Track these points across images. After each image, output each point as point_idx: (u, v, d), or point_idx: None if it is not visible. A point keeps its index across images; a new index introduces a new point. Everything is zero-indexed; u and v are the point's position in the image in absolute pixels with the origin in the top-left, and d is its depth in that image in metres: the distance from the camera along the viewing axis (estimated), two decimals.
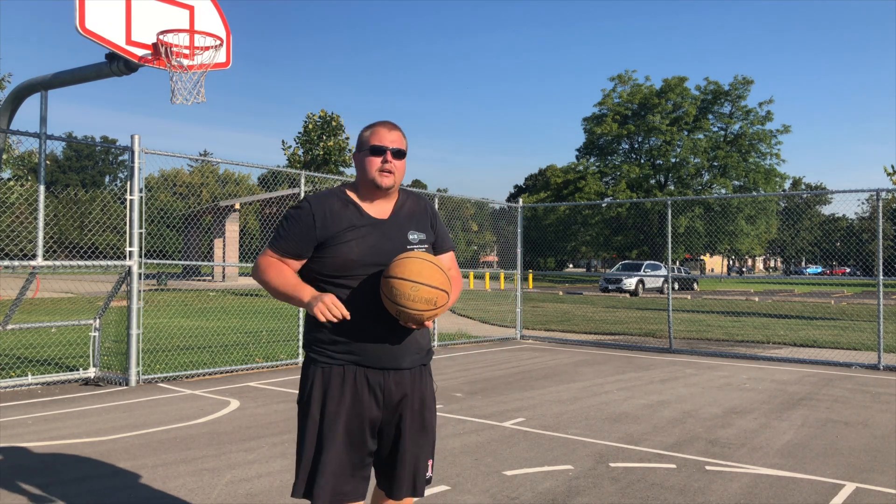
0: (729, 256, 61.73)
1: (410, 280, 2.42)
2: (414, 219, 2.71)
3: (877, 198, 10.45)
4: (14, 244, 8.96)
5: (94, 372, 8.28)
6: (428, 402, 2.69)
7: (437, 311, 2.47)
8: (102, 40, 6.68)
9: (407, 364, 2.61)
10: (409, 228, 2.66)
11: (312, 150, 28.83)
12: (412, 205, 2.75)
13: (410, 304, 2.42)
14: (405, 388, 2.61)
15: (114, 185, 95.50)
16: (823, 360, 10.75)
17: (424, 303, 2.42)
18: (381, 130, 2.63)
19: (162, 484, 4.47)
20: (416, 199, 2.79)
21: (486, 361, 10.45)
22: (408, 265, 2.45)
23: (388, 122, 2.69)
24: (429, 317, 2.47)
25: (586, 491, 4.42)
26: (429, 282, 2.43)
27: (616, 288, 32.98)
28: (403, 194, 2.77)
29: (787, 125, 50.04)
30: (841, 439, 5.87)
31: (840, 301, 27.71)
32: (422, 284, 2.42)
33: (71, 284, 27.12)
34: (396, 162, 2.63)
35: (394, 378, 2.59)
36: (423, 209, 2.77)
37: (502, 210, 16.67)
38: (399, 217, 2.68)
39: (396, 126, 2.69)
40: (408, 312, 2.43)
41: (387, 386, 2.58)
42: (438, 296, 2.45)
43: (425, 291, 2.42)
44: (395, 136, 2.64)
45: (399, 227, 2.64)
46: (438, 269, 2.48)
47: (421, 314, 2.44)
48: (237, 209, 37.00)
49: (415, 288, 2.41)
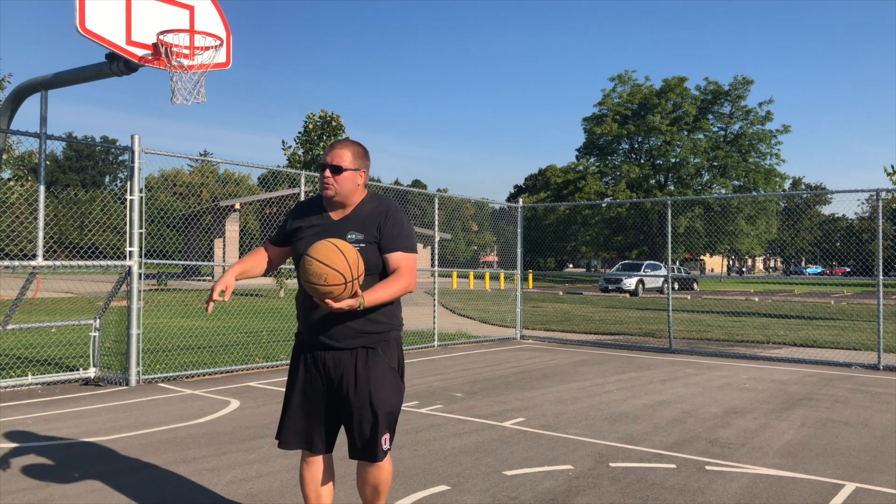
0: (729, 256, 61.74)
1: (309, 255, 2.80)
2: (362, 221, 3.06)
3: (877, 198, 10.45)
4: (14, 244, 8.96)
5: (94, 372, 8.28)
6: (374, 380, 3.04)
7: (331, 289, 2.77)
8: (102, 40, 6.67)
9: (343, 345, 3.03)
10: (351, 229, 3.04)
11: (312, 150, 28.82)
12: (371, 209, 3.10)
13: (304, 276, 2.79)
14: (343, 365, 3.04)
15: (114, 185, 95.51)
16: (823, 360, 10.75)
17: (315, 276, 2.76)
18: (329, 148, 3.10)
19: (162, 484, 4.47)
20: (377, 203, 3.13)
21: (486, 361, 10.45)
22: (316, 246, 2.83)
23: (341, 141, 3.13)
24: (323, 294, 2.77)
25: (586, 491, 4.43)
26: (324, 259, 2.76)
27: (616, 288, 32.97)
28: (369, 199, 3.15)
29: (787, 125, 50.06)
30: (841, 439, 5.87)
31: (840, 301, 27.71)
32: (315, 260, 2.77)
33: (71, 284, 27.12)
34: (335, 176, 3.05)
35: (332, 356, 3.05)
36: (379, 212, 3.09)
37: (502, 210, 16.67)
38: (349, 219, 3.08)
39: (346, 144, 3.11)
40: (306, 284, 2.81)
41: (326, 362, 3.06)
42: (329, 273, 2.75)
43: (317, 266, 2.76)
44: (336, 154, 3.06)
45: (342, 228, 3.05)
46: (338, 253, 2.79)
47: (314, 287, 2.78)
48: (237, 209, 36.99)
49: (310, 262, 2.78)
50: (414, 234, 3.18)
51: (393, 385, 3.09)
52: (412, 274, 3.08)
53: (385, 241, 3.04)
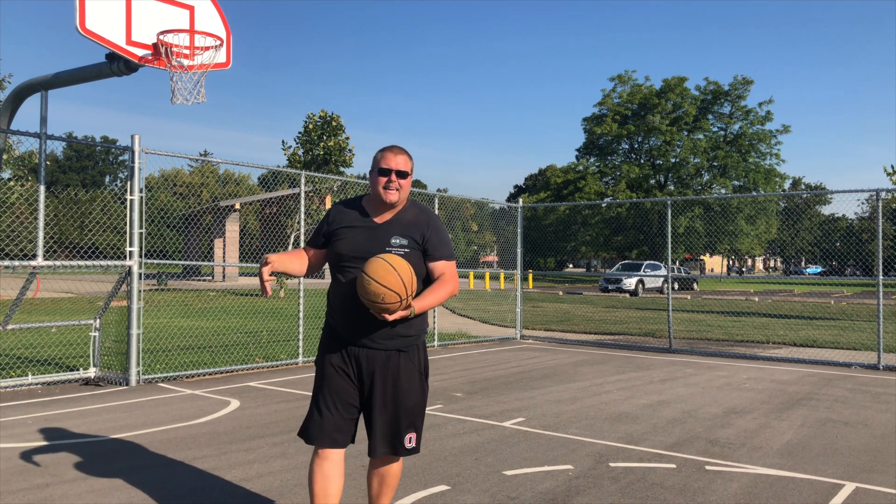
0: (729, 256, 61.74)
1: (366, 275, 2.92)
2: (406, 226, 3.18)
3: (877, 198, 10.45)
4: (14, 244, 8.96)
5: (94, 372, 8.28)
6: (402, 381, 3.16)
7: (387, 306, 2.93)
8: (102, 40, 6.68)
9: (378, 346, 3.13)
10: (395, 234, 3.14)
11: (313, 150, 28.83)
12: (413, 216, 3.22)
13: (363, 294, 2.94)
14: (375, 364, 3.14)
15: (114, 185, 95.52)
16: (823, 360, 10.75)
17: (373, 296, 2.91)
18: (388, 155, 3.18)
19: (162, 484, 4.47)
20: (419, 211, 3.25)
21: (486, 361, 10.45)
22: (371, 263, 2.96)
23: (396, 146, 3.22)
24: (379, 310, 2.94)
25: (586, 491, 4.43)
26: (381, 280, 2.90)
27: (616, 288, 32.97)
28: (411, 206, 3.26)
29: (787, 125, 50.06)
30: (841, 439, 5.87)
31: (840, 301, 27.72)
32: (373, 280, 2.90)
33: (71, 284, 27.12)
34: (400, 181, 3.15)
35: (365, 354, 3.14)
36: (421, 220, 3.22)
37: (502, 210, 16.67)
38: (393, 223, 3.17)
39: (403, 150, 3.22)
40: (365, 301, 2.96)
41: (359, 359, 3.15)
42: (386, 294, 2.90)
43: (374, 287, 2.90)
44: (400, 160, 3.17)
45: (386, 232, 3.14)
46: (394, 273, 2.92)
47: (372, 304, 2.94)
48: (237, 209, 36.99)
49: (367, 282, 2.91)
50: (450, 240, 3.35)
51: (419, 385, 3.22)
52: (455, 279, 3.26)
53: (430, 249, 3.20)
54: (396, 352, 3.16)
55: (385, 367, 3.14)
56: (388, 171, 3.13)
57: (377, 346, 3.13)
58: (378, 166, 3.17)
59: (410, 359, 3.20)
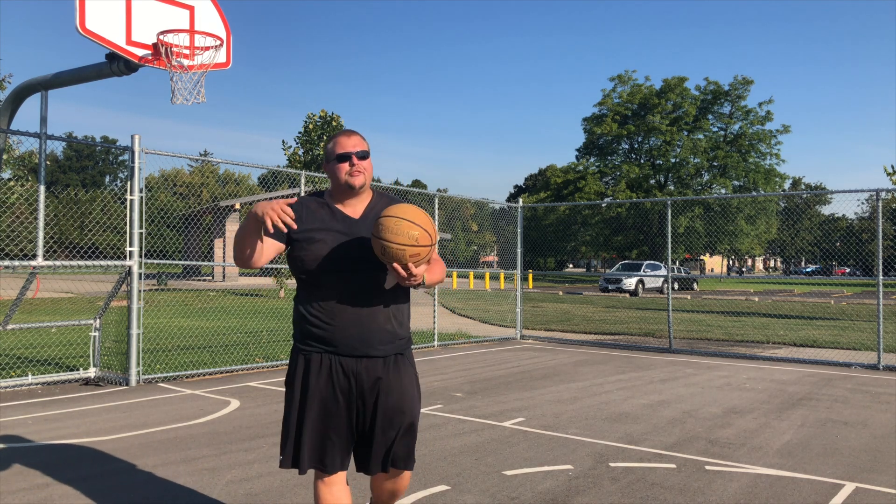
0: (729, 256, 61.74)
1: (395, 216, 2.64)
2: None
3: (877, 198, 10.45)
4: (14, 244, 8.96)
5: (94, 372, 8.28)
6: (406, 387, 2.91)
7: (419, 251, 2.64)
8: (102, 40, 6.68)
9: (378, 352, 2.85)
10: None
11: (313, 150, 28.88)
12: (384, 206, 2.95)
13: (393, 237, 2.61)
14: (377, 373, 2.85)
15: (114, 185, 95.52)
16: (823, 360, 10.75)
17: (406, 237, 2.61)
18: (342, 139, 2.92)
19: (162, 484, 4.47)
20: (388, 200, 3.00)
21: (486, 361, 10.45)
22: (395, 206, 2.72)
23: (346, 130, 2.98)
24: (411, 255, 2.63)
25: (586, 491, 4.43)
26: (411, 218, 2.64)
27: (616, 288, 32.97)
28: (376, 196, 3.02)
29: (787, 125, 50.08)
30: (841, 439, 5.87)
31: (840, 301, 27.71)
32: (404, 220, 2.63)
33: (71, 284, 27.12)
34: (362, 162, 2.89)
35: (365, 364, 2.84)
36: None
37: (502, 210, 16.67)
38: (369, 216, 2.90)
39: (354, 132, 2.96)
40: (392, 247, 2.61)
41: (358, 371, 2.84)
42: (420, 233, 2.64)
43: (407, 226, 2.62)
44: (355, 140, 2.91)
45: (367, 225, 2.87)
46: (422, 212, 2.71)
47: (403, 248, 2.61)
48: (237, 209, 36.99)
49: (398, 222, 2.62)
50: None
51: (418, 391, 3.00)
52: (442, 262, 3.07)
53: None
54: (394, 356, 2.91)
55: (386, 374, 2.87)
56: (348, 156, 2.86)
57: (377, 353, 2.85)
58: (335, 153, 2.90)
59: (408, 360, 2.99)
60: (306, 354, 2.88)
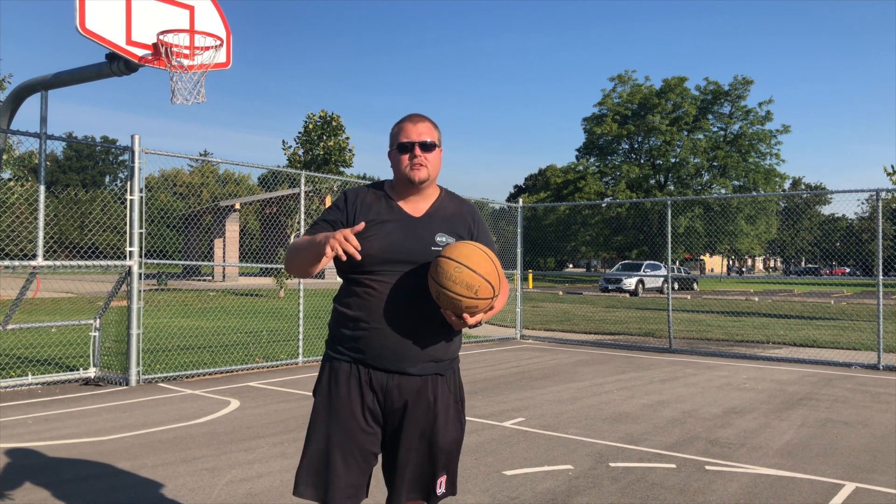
0: (729, 256, 61.75)
1: (456, 261, 2.33)
2: (449, 222, 2.60)
3: (877, 198, 10.45)
4: (14, 244, 8.96)
5: (94, 372, 8.28)
6: (440, 414, 2.55)
7: (477, 303, 2.35)
8: (102, 40, 6.68)
9: (415, 370, 2.50)
10: (440, 230, 2.55)
11: (313, 150, 28.89)
12: (453, 208, 2.65)
13: (451, 284, 2.31)
14: (409, 394, 2.50)
15: (114, 185, 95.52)
16: (823, 360, 10.75)
17: (465, 287, 2.31)
18: (407, 126, 2.57)
19: (162, 484, 4.47)
20: (459, 203, 2.69)
21: (486, 361, 10.45)
22: (459, 247, 2.39)
23: (415, 115, 2.62)
24: (468, 306, 2.34)
25: (586, 491, 4.43)
26: (474, 267, 2.33)
27: (616, 288, 32.98)
28: (447, 196, 2.69)
29: (787, 125, 50.07)
30: (841, 439, 5.87)
31: (840, 301, 27.72)
32: (466, 267, 2.32)
33: (71, 284, 27.11)
34: (426, 155, 2.54)
35: (397, 382, 2.49)
36: (463, 214, 2.66)
37: (502, 210, 16.66)
38: (433, 217, 2.58)
39: (423, 118, 2.61)
40: (447, 294, 2.33)
41: (389, 388, 2.49)
42: (482, 285, 2.33)
43: (468, 275, 2.31)
44: (421, 129, 2.56)
45: (428, 227, 2.54)
46: (488, 259, 2.37)
47: (459, 300, 2.32)
48: (237, 209, 37.01)
49: (458, 269, 2.32)
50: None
51: (456, 417, 2.61)
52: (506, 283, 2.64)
53: None
54: (433, 376, 2.55)
55: (419, 397, 2.51)
56: (411, 146, 2.52)
57: (414, 372, 2.50)
58: (397, 142, 2.56)
59: (447, 383, 2.59)
60: (333, 362, 2.57)
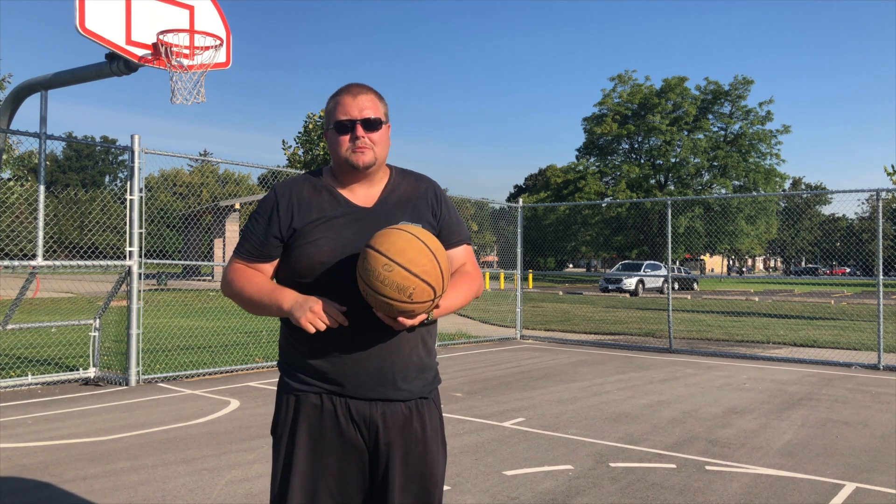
0: (729, 256, 61.76)
1: (386, 255, 1.89)
2: (409, 206, 2.17)
3: (877, 198, 10.45)
4: (14, 244, 8.96)
5: (94, 372, 8.28)
6: (431, 443, 2.14)
7: (413, 307, 1.91)
8: (102, 40, 6.68)
9: (402, 394, 2.09)
10: (400, 219, 2.11)
11: (312, 150, 28.89)
12: (408, 188, 2.20)
13: (379, 285, 1.88)
14: (398, 424, 2.09)
15: (114, 185, 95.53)
16: (823, 360, 10.75)
17: (396, 290, 1.88)
18: (346, 99, 2.09)
19: (162, 484, 4.47)
20: (414, 180, 2.23)
21: (486, 361, 10.45)
22: (391, 237, 1.93)
23: (355, 85, 2.13)
24: (402, 310, 1.91)
25: (586, 491, 4.42)
26: (408, 265, 1.88)
27: (616, 288, 32.98)
28: (398, 175, 2.23)
29: (787, 125, 50.07)
30: (841, 439, 5.87)
31: (840, 301, 27.72)
32: (397, 265, 1.87)
33: (71, 284, 27.11)
34: (371, 135, 2.08)
35: (382, 410, 2.08)
36: (424, 193, 2.21)
37: (502, 210, 16.67)
38: (388, 204, 2.14)
39: (365, 87, 2.13)
40: (374, 296, 1.91)
41: (373, 420, 2.07)
42: (417, 287, 1.88)
43: (400, 275, 1.87)
44: (363, 102, 2.09)
45: (387, 218, 2.10)
46: (427, 252, 1.92)
47: (389, 304, 1.90)
48: (237, 209, 37.00)
49: (388, 267, 1.88)
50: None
51: (443, 445, 2.22)
52: (479, 271, 2.25)
53: (446, 232, 2.20)
54: (419, 400, 2.14)
55: (407, 427, 2.10)
56: (351, 125, 2.07)
57: (399, 395, 2.08)
58: (334, 119, 2.10)
59: (436, 404, 2.21)
60: (298, 395, 2.09)
